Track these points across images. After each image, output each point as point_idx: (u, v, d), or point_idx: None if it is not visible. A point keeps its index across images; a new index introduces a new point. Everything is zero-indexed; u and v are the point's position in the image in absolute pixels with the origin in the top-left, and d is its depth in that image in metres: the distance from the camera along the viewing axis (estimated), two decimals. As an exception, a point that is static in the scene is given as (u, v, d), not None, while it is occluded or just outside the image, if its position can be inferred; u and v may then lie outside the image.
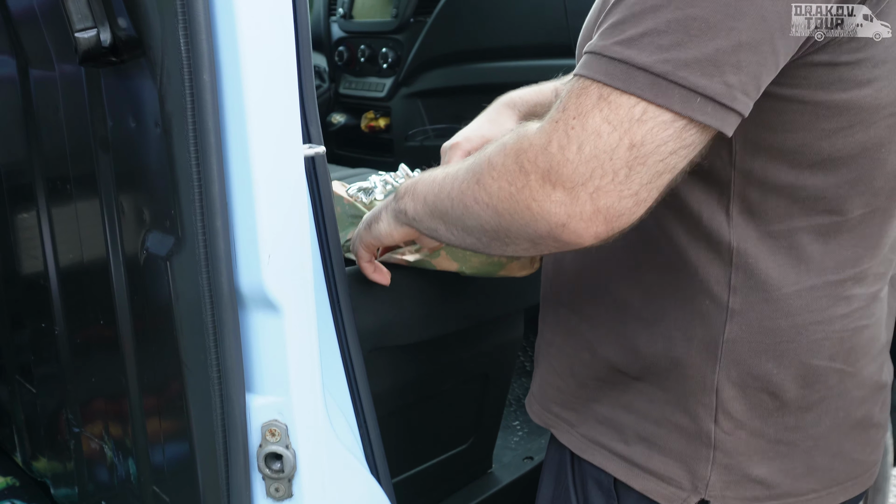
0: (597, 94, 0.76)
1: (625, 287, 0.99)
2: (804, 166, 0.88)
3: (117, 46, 0.95)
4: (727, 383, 0.96)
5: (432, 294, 1.36)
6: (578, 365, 1.08)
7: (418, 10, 2.56)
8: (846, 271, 0.94)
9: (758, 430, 0.97)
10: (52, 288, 1.34)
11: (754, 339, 0.94)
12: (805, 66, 0.81)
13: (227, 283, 0.91)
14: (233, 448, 0.96)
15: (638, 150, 0.75)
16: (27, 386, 1.55)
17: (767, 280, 0.92)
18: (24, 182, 1.34)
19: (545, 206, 0.78)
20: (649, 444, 1.01)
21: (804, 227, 0.91)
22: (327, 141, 3.09)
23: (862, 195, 0.91)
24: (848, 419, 1.00)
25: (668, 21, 0.74)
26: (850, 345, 0.96)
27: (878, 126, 0.87)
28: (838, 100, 0.83)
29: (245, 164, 0.90)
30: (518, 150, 0.81)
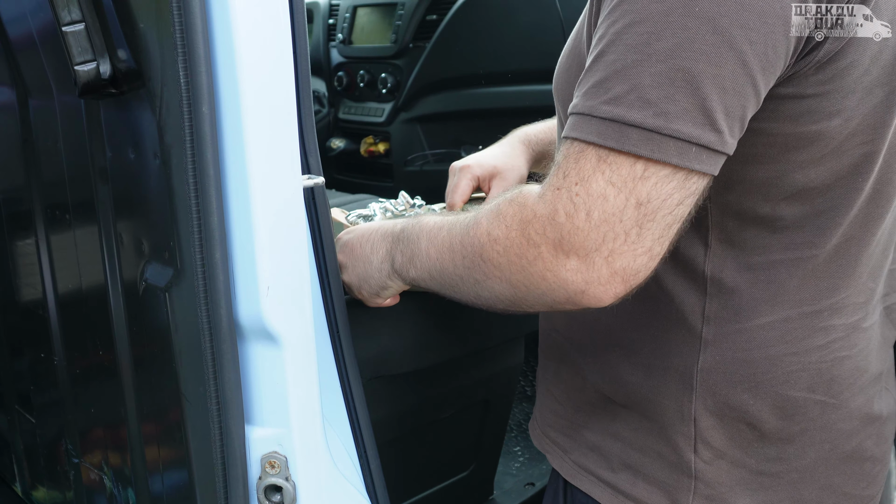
0: (595, 156, 0.76)
1: (609, 315, 0.99)
2: (779, 197, 0.87)
3: (117, 78, 0.95)
4: (704, 412, 0.95)
5: (431, 321, 1.36)
6: (573, 390, 1.08)
7: (417, 35, 2.57)
8: (822, 302, 0.93)
9: (738, 460, 0.97)
10: (51, 317, 1.33)
11: (728, 369, 0.93)
12: (772, 100, 0.81)
13: (226, 315, 0.91)
14: (232, 480, 0.95)
15: (646, 208, 0.75)
16: (26, 416, 1.54)
17: (741, 311, 0.92)
18: (23, 211, 1.34)
19: (561, 276, 0.79)
20: (634, 471, 1.01)
21: (782, 258, 0.91)
22: (326, 166, 3.10)
23: (839, 225, 0.90)
24: (835, 452, 0.98)
25: (652, 75, 0.74)
26: (829, 376, 0.94)
27: (850, 154, 0.86)
28: (808, 132, 0.83)
29: (244, 195, 0.90)
30: (522, 222, 0.81)
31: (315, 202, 1.00)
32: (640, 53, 0.75)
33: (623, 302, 0.95)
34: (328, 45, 2.91)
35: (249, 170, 0.89)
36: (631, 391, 1.00)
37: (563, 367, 1.09)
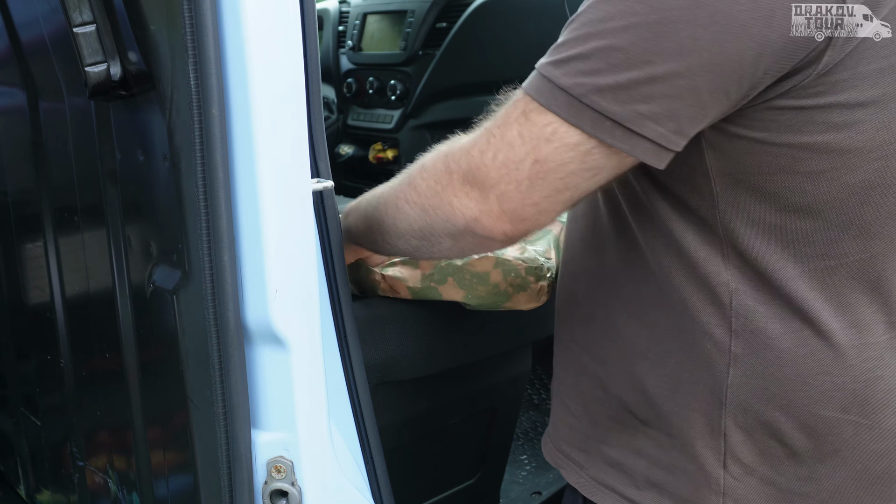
0: (523, 107, 0.84)
1: (633, 327, 0.99)
2: (789, 210, 0.87)
3: (127, 80, 0.95)
4: (735, 428, 0.94)
5: (439, 328, 1.35)
6: (592, 403, 1.06)
7: (427, 43, 2.57)
8: (848, 317, 0.91)
9: (768, 477, 0.95)
10: (59, 319, 1.33)
11: (759, 385, 0.92)
12: (770, 110, 0.82)
13: (233, 318, 0.91)
14: (238, 484, 0.95)
15: (541, 166, 0.83)
16: (32, 418, 1.54)
17: (767, 326, 0.91)
18: (32, 213, 1.34)
19: (463, 202, 0.87)
20: (660, 489, 1.00)
21: (798, 273, 0.90)
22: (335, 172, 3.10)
23: (856, 239, 0.89)
24: (867, 473, 0.96)
25: (593, 49, 0.80)
26: (863, 396, 0.93)
27: (864, 170, 0.86)
28: (813, 143, 0.83)
29: (253, 198, 0.90)
30: (447, 153, 0.90)
31: (324, 206, 1.00)
32: (595, 27, 0.81)
33: (650, 313, 0.96)
34: (338, 51, 2.91)
35: (259, 173, 0.89)
36: (657, 404, 0.98)
37: (581, 379, 1.07)
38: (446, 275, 1.24)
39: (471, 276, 1.22)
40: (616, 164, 0.83)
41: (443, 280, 1.24)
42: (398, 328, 1.31)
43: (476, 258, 1.22)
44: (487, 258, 1.22)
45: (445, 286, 1.24)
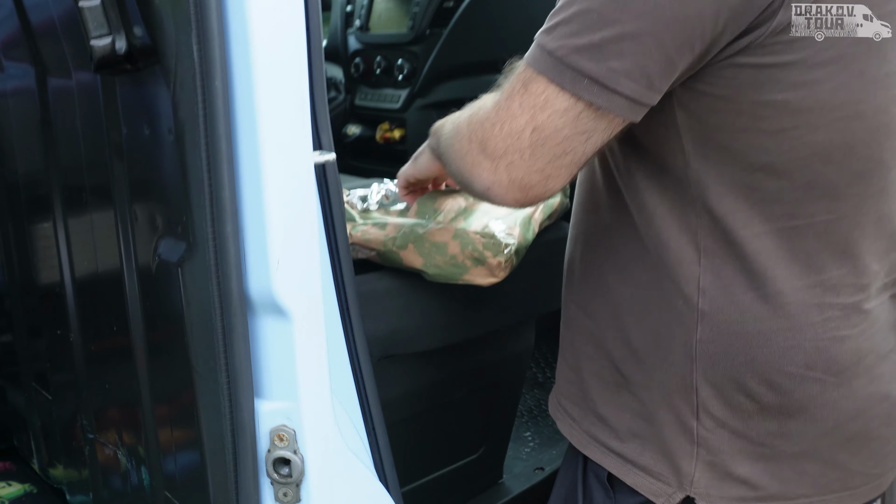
0: (523, 78, 0.89)
1: (620, 285, 1.03)
2: (755, 168, 0.91)
3: (132, 54, 0.96)
4: (705, 383, 0.98)
5: (442, 303, 1.37)
6: (584, 359, 1.11)
7: (434, 22, 2.57)
8: (812, 278, 0.94)
9: (739, 430, 0.99)
10: (68, 295, 1.35)
11: (725, 341, 0.96)
12: (732, 67, 0.86)
13: (236, 289, 0.92)
14: (242, 453, 0.97)
15: (539, 134, 0.87)
16: (43, 393, 1.57)
17: (732, 283, 0.95)
18: (42, 192, 1.36)
19: (478, 171, 0.92)
20: (642, 440, 1.04)
21: (765, 230, 0.93)
22: (343, 152, 3.10)
23: (821, 199, 0.92)
24: (840, 431, 0.98)
25: (573, 13, 0.86)
26: (827, 355, 0.96)
27: (825, 129, 0.89)
28: (773, 101, 0.87)
29: (256, 170, 0.91)
30: (470, 121, 0.95)
31: (326, 178, 1.01)
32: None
33: (635, 271, 1.01)
34: (346, 31, 2.91)
35: (261, 145, 0.90)
36: (641, 358, 1.02)
37: (577, 336, 1.12)
38: (408, 241, 1.27)
39: (430, 245, 1.25)
40: (606, 125, 0.88)
41: (404, 245, 1.27)
42: (401, 302, 1.33)
43: (436, 228, 1.26)
44: (447, 229, 1.25)
45: (406, 252, 1.27)
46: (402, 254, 1.28)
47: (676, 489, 1.01)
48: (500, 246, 1.24)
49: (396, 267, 1.31)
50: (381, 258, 1.32)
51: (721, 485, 1.00)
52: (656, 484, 1.03)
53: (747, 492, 1.00)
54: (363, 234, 1.32)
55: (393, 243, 1.28)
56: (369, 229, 1.32)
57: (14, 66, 1.37)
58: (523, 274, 1.34)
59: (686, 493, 1.01)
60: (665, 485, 1.02)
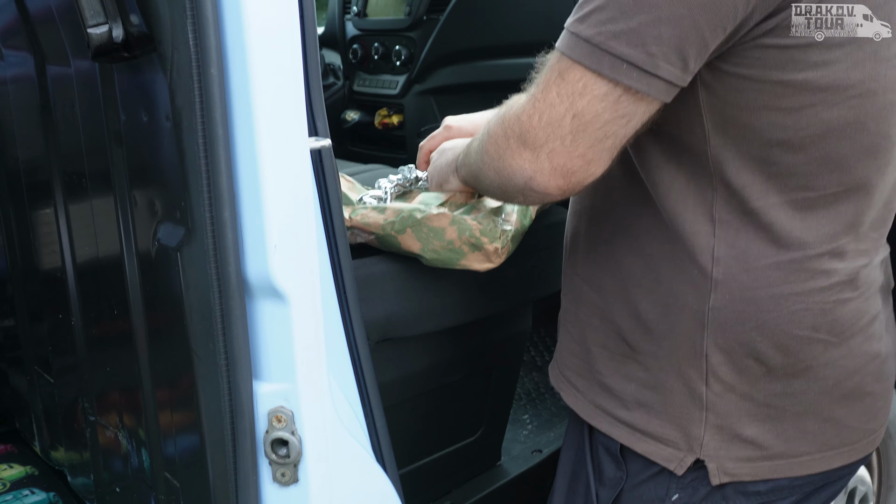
0: (557, 69, 0.91)
1: (630, 257, 1.07)
2: (773, 144, 0.94)
3: (129, 42, 0.97)
4: (715, 349, 1.02)
5: (440, 286, 1.38)
6: (589, 331, 1.14)
7: (431, 7, 2.57)
8: (823, 246, 0.99)
9: (747, 393, 1.03)
10: (69, 280, 1.37)
11: (737, 308, 1.00)
12: (757, 48, 0.89)
13: (234, 273, 0.94)
14: (240, 434, 0.98)
15: (579, 120, 0.90)
16: (45, 376, 1.58)
17: (747, 252, 0.99)
18: (42, 178, 1.37)
19: (518, 163, 0.94)
20: (648, 409, 1.08)
21: (780, 202, 0.97)
22: (341, 138, 3.11)
23: (832, 173, 0.96)
24: (838, 387, 1.04)
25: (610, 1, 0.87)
26: (832, 317, 1.01)
27: (841, 107, 0.92)
28: (794, 80, 0.90)
29: (252, 156, 0.92)
30: (504, 120, 0.97)
31: (322, 164, 1.02)
32: None
33: (646, 244, 1.05)
34: (343, 17, 2.92)
35: (257, 131, 0.92)
36: (649, 328, 1.06)
37: (581, 308, 1.15)
38: (406, 225, 1.28)
39: (428, 230, 1.26)
40: (645, 108, 0.90)
41: (402, 230, 1.29)
42: (399, 285, 1.34)
43: (434, 214, 1.27)
44: (444, 215, 1.26)
45: (404, 236, 1.29)
46: (401, 238, 1.29)
47: (687, 453, 1.06)
48: (496, 232, 1.25)
49: (395, 251, 1.33)
50: (380, 242, 1.33)
51: (729, 446, 1.04)
52: (667, 450, 1.07)
53: (754, 451, 1.05)
54: (363, 217, 1.34)
55: (392, 227, 1.30)
56: (369, 213, 1.34)
57: (13, 55, 1.38)
58: (521, 257, 1.35)
59: (696, 457, 1.05)
60: (675, 450, 1.06)
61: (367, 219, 1.33)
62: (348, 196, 1.45)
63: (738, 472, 1.05)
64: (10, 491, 1.72)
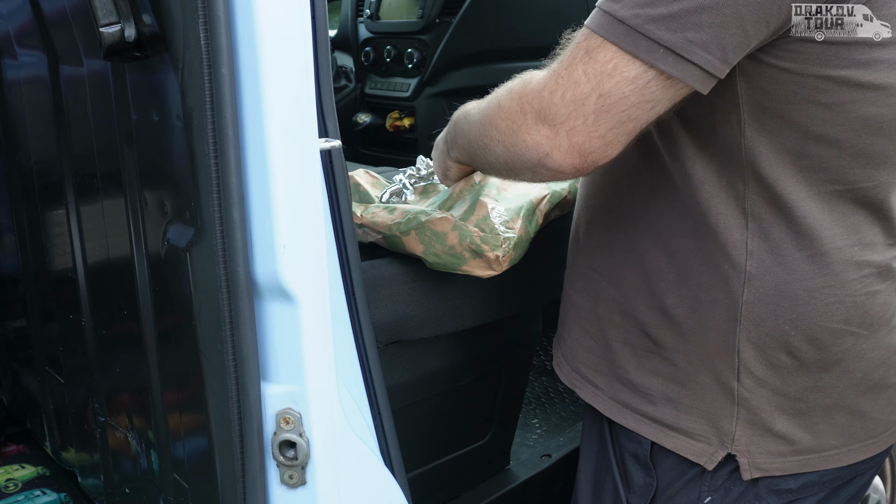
0: (585, 47, 0.90)
1: (654, 252, 1.06)
2: (808, 137, 0.94)
3: (141, 42, 0.97)
4: (747, 344, 1.02)
5: (450, 289, 1.38)
6: (609, 326, 1.13)
7: (444, 10, 2.58)
8: (853, 238, 1.00)
9: (778, 388, 1.03)
10: (80, 280, 1.37)
11: (771, 301, 1.00)
12: (801, 42, 0.89)
13: (243, 273, 0.93)
14: (248, 435, 0.98)
15: (605, 100, 0.89)
16: (56, 377, 1.59)
17: (780, 245, 0.99)
18: (54, 178, 1.38)
19: (535, 139, 0.93)
20: (676, 404, 1.07)
21: (811, 195, 0.97)
22: (353, 140, 3.11)
23: (864, 168, 0.97)
24: (865, 380, 1.05)
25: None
26: (863, 309, 1.02)
27: (879, 104, 0.93)
28: (836, 76, 0.90)
29: (262, 156, 0.92)
30: (521, 94, 0.95)
31: (332, 164, 1.02)
32: None
33: (672, 239, 1.04)
34: (356, 20, 2.92)
35: (268, 132, 0.91)
36: (677, 322, 1.05)
37: (600, 304, 1.14)
38: (410, 227, 1.29)
39: (431, 234, 1.26)
40: (672, 95, 0.90)
41: (407, 231, 1.29)
42: (408, 288, 1.34)
43: (437, 217, 1.27)
44: (447, 219, 1.26)
45: (408, 238, 1.29)
46: (405, 239, 1.29)
47: (718, 447, 1.05)
48: (498, 239, 1.24)
49: (400, 252, 1.32)
50: (386, 242, 1.33)
51: (761, 441, 1.04)
52: (697, 445, 1.06)
53: (784, 446, 1.05)
54: (372, 216, 1.34)
55: (397, 228, 1.30)
56: (378, 212, 1.34)
57: (27, 55, 1.39)
58: (531, 261, 1.34)
59: (728, 451, 1.05)
60: (707, 444, 1.06)
61: (377, 217, 1.33)
62: (369, 193, 1.45)
63: (769, 466, 1.05)
64: (21, 491, 1.73)
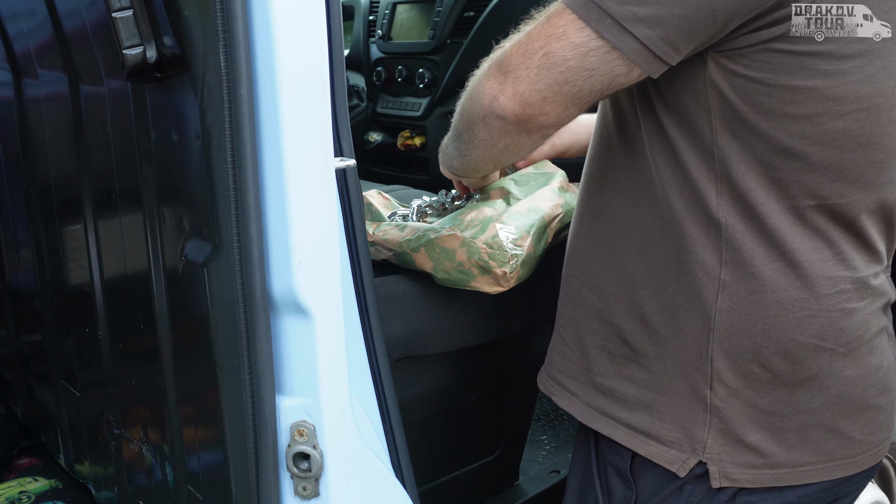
0: (549, 12, 0.98)
1: (635, 260, 1.08)
2: (777, 150, 0.96)
3: (162, 63, 1.00)
4: (720, 353, 1.02)
5: (461, 306, 1.39)
6: (586, 333, 1.14)
7: (455, 31, 2.60)
8: (826, 252, 1.00)
9: (751, 399, 1.03)
10: (97, 295, 1.40)
11: (743, 311, 1.01)
12: (767, 52, 0.91)
13: (260, 289, 0.96)
14: (263, 447, 1.00)
15: (547, 59, 0.96)
16: (71, 390, 1.61)
17: (753, 255, 1.00)
18: (73, 194, 1.40)
19: (490, 83, 1.01)
20: (651, 411, 1.08)
21: (782, 208, 0.98)
22: (364, 159, 3.13)
23: (834, 183, 0.98)
24: (843, 399, 1.04)
25: None
26: (838, 326, 1.02)
27: (847, 118, 0.94)
28: (803, 87, 0.92)
29: (279, 174, 0.94)
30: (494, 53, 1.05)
31: (347, 183, 1.05)
32: None
33: (652, 247, 1.05)
34: (368, 41, 2.95)
35: (285, 150, 0.94)
36: (655, 329, 1.06)
37: (578, 310, 1.16)
38: (420, 244, 1.31)
39: (440, 250, 1.28)
40: (609, 69, 0.95)
41: (416, 248, 1.31)
42: (421, 304, 1.36)
43: (445, 235, 1.29)
44: (455, 236, 1.28)
45: (418, 255, 1.31)
46: (415, 256, 1.32)
47: (690, 455, 1.06)
48: (505, 256, 1.26)
49: (410, 268, 1.34)
50: (397, 259, 1.35)
51: (732, 451, 1.04)
52: (670, 452, 1.07)
53: (756, 458, 1.04)
54: (384, 233, 1.36)
55: (408, 245, 1.32)
56: (390, 229, 1.36)
57: (48, 74, 1.42)
58: (542, 278, 1.36)
59: (699, 459, 1.05)
60: (679, 451, 1.06)
61: (388, 235, 1.36)
62: (380, 212, 1.48)
63: (740, 477, 1.05)
64: (34, 503, 1.74)
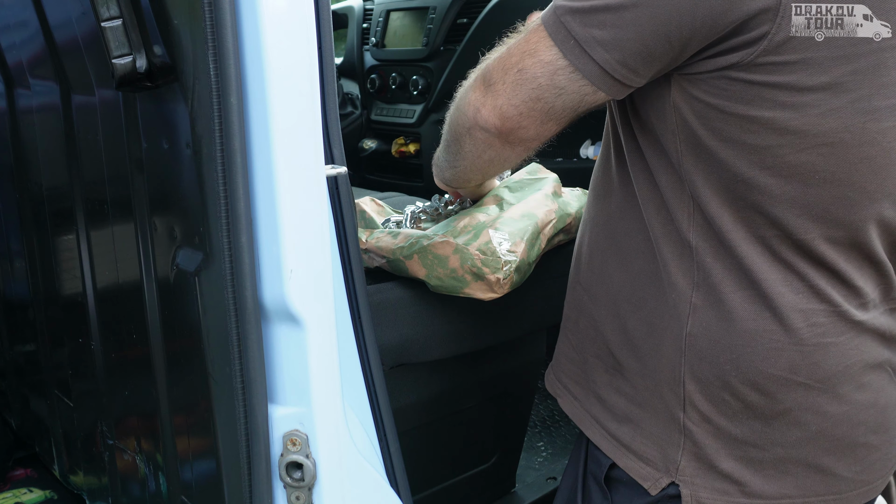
0: (529, 28, 1.01)
1: (620, 273, 1.08)
2: (738, 179, 0.94)
3: (152, 72, 1.00)
4: (691, 377, 1.01)
5: (454, 313, 1.39)
6: (586, 340, 1.15)
7: (448, 38, 2.61)
8: (797, 284, 0.96)
9: (724, 428, 1.01)
10: (90, 305, 1.39)
11: (712, 337, 0.99)
12: (725, 79, 0.90)
13: (251, 297, 0.95)
14: (255, 457, 0.99)
15: (521, 75, 0.99)
16: (65, 400, 1.60)
17: (721, 282, 0.98)
18: (65, 204, 1.40)
19: (475, 95, 1.04)
20: (635, 425, 1.08)
21: (749, 237, 0.96)
22: (358, 166, 3.13)
23: (798, 218, 0.95)
24: (824, 436, 1.00)
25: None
26: (812, 360, 0.97)
27: (808, 153, 0.91)
28: (760, 117, 0.90)
29: (270, 182, 0.94)
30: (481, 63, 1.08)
31: (338, 190, 1.04)
32: None
33: (635, 261, 1.05)
34: (362, 48, 2.96)
35: (275, 159, 0.94)
36: (636, 345, 1.06)
37: (581, 317, 1.17)
38: (413, 251, 1.31)
39: (433, 257, 1.28)
40: (577, 89, 0.97)
41: (409, 255, 1.31)
42: (414, 311, 1.35)
43: (438, 241, 1.29)
44: (448, 243, 1.28)
45: (411, 262, 1.31)
46: (408, 263, 1.31)
47: (663, 474, 1.05)
48: (499, 262, 1.26)
49: (404, 275, 1.34)
50: (390, 266, 1.35)
51: (706, 476, 1.03)
52: (645, 468, 1.06)
53: (730, 486, 1.02)
54: (377, 240, 1.36)
55: (401, 252, 1.32)
56: (383, 237, 1.36)
57: (40, 84, 1.42)
58: (535, 284, 1.36)
59: (671, 479, 1.04)
60: (654, 469, 1.06)
61: (381, 242, 1.36)
62: (373, 219, 1.48)
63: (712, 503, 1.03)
64: (28, 515, 1.74)
